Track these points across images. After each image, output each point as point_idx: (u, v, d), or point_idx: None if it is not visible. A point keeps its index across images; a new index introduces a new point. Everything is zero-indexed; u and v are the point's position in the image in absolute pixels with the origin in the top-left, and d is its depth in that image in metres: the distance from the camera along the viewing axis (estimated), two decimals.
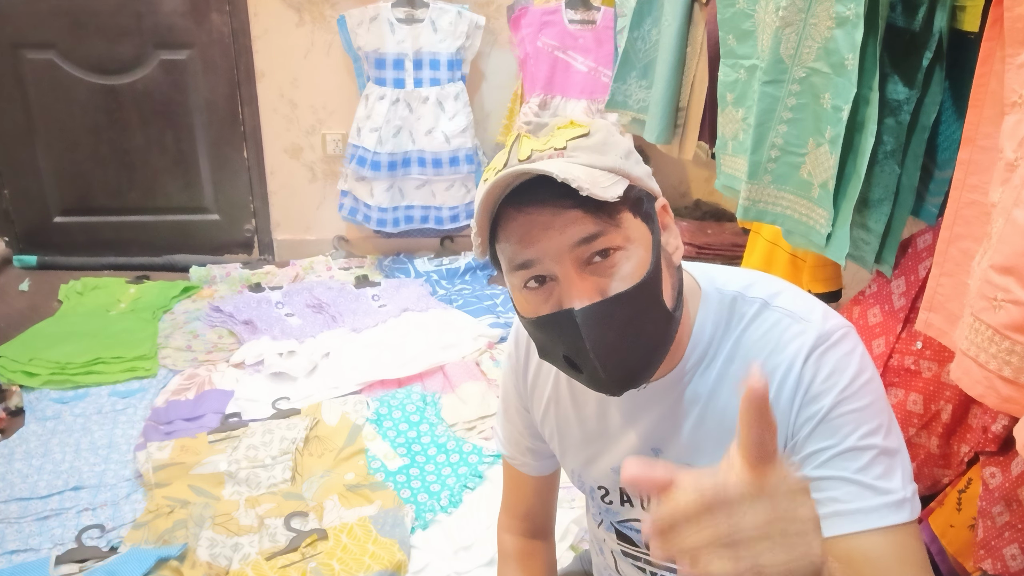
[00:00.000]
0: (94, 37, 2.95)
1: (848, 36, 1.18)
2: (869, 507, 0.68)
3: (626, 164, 0.71)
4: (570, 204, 0.67)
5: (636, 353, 0.71)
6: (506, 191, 0.70)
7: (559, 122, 0.73)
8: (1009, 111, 0.86)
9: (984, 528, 1.16)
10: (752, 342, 0.77)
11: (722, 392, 0.78)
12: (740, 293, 0.79)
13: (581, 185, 0.64)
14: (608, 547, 0.97)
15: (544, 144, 0.70)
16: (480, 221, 0.71)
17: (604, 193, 0.66)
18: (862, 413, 0.70)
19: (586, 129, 0.71)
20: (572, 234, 0.68)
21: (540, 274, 0.70)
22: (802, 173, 1.38)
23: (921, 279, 1.37)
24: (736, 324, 0.78)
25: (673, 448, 0.82)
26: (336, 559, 1.63)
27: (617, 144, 0.72)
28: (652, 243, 0.71)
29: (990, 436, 1.22)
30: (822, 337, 0.73)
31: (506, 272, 0.73)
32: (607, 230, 0.68)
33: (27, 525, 1.76)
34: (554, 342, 0.72)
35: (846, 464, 0.69)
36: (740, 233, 2.65)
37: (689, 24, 1.86)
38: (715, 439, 0.79)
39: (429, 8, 2.88)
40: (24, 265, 3.16)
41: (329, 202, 3.26)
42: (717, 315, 0.78)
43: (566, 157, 0.69)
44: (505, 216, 0.70)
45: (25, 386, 2.28)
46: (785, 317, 0.76)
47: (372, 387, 2.32)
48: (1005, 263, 0.82)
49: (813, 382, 0.71)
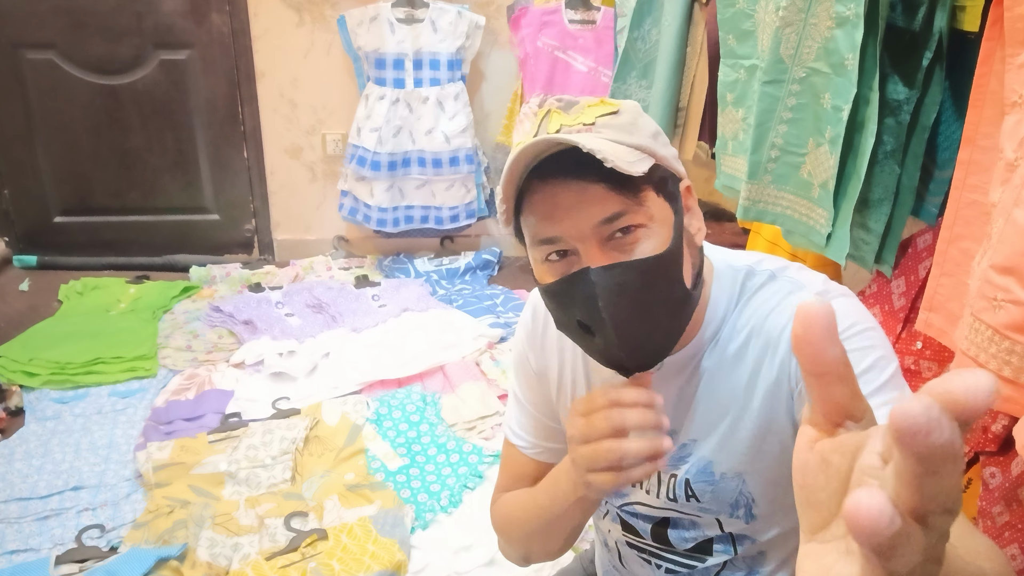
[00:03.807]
0: (94, 37, 2.95)
1: (848, 36, 1.18)
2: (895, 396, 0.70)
3: (654, 144, 0.72)
4: (595, 179, 0.68)
5: (649, 328, 0.71)
6: (533, 162, 0.70)
7: (590, 100, 0.73)
8: (1009, 111, 0.86)
9: (984, 528, 1.15)
10: (754, 308, 0.79)
11: (726, 363, 0.79)
12: (751, 267, 0.81)
13: (606, 156, 0.65)
14: (613, 538, 0.96)
15: (574, 120, 0.71)
16: (506, 189, 0.71)
17: (629, 168, 0.66)
18: (869, 348, 0.72)
19: (616, 107, 0.72)
20: (596, 213, 0.68)
21: (563, 249, 0.71)
22: (802, 173, 1.37)
23: (921, 279, 1.37)
24: (744, 297, 0.80)
25: (686, 426, 0.82)
26: (336, 559, 1.63)
27: (646, 125, 0.73)
28: (674, 223, 0.72)
29: (990, 436, 1.22)
30: (820, 294, 0.75)
31: (529, 245, 0.74)
32: (630, 208, 0.69)
33: (27, 525, 1.76)
34: (570, 307, 0.72)
35: (870, 379, 0.70)
36: (740, 233, 2.65)
37: (689, 24, 1.86)
38: (719, 412, 0.80)
39: (429, 8, 2.88)
40: (24, 265, 3.16)
41: (329, 202, 3.26)
42: (731, 290, 0.80)
43: (594, 132, 0.69)
44: (531, 188, 0.71)
45: (25, 386, 2.28)
46: (789, 284, 0.79)
47: (372, 387, 2.32)
48: (1005, 263, 0.82)
49: None
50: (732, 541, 0.86)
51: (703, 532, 0.87)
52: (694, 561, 0.88)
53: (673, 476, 0.85)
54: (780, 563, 0.87)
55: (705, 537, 0.87)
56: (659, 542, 0.90)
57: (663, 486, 0.86)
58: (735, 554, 0.86)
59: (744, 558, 0.87)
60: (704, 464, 0.81)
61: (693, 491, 0.84)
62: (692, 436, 0.82)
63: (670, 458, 0.84)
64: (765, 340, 0.77)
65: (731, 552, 0.86)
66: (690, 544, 0.88)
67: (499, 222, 0.75)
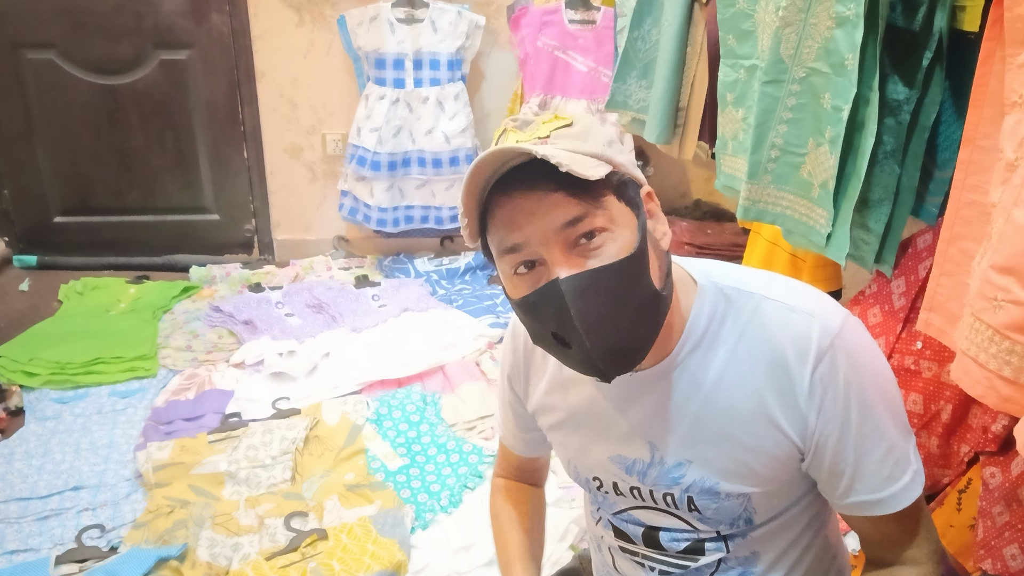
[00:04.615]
0: (94, 37, 2.95)
1: (848, 36, 1.18)
2: (886, 496, 0.78)
3: (608, 151, 0.73)
4: (554, 186, 0.69)
5: (623, 330, 0.71)
6: (494, 177, 0.71)
7: (544, 116, 0.75)
8: (1009, 111, 0.86)
9: (984, 528, 1.16)
10: (756, 336, 0.78)
11: (724, 384, 0.79)
12: (736, 287, 0.80)
13: (561, 162, 0.66)
14: (606, 543, 0.97)
15: (529, 136, 0.72)
16: (467, 204, 0.72)
17: (585, 172, 0.67)
18: (878, 424, 0.76)
19: (569, 120, 0.73)
20: (557, 217, 0.69)
21: (529, 259, 0.72)
22: (802, 173, 1.37)
23: (921, 279, 1.37)
24: (734, 316, 0.79)
25: (670, 442, 0.82)
26: (336, 559, 1.63)
27: (599, 133, 0.74)
28: (638, 226, 0.72)
29: (990, 436, 1.22)
30: (825, 333, 0.75)
31: (497, 259, 0.75)
32: (591, 212, 0.70)
33: (27, 525, 1.76)
34: (543, 319, 0.73)
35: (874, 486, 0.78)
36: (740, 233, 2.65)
37: (689, 24, 1.86)
38: (715, 431, 0.80)
39: (429, 8, 2.88)
40: (24, 265, 3.16)
41: (329, 202, 3.26)
42: (713, 306, 0.80)
43: (550, 144, 0.71)
44: (493, 203, 0.72)
45: (25, 386, 2.28)
46: (787, 311, 0.78)
47: (372, 387, 2.32)
48: (1005, 263, 0.82)
49: (826, 395, 0.76)
50: (724, 540, 0.86)
51: (696, 535, 0.87)
52: (687, 562, 0.89)
53: (669, 495, 0.85)
54: (772, 562, 0.87)
55: (698, 539, 0.87)
56: (651, 546, 0.90)
57: (659, 501, 0.86)
58: (727, 552, 0.87)
59: (737, 557, 0.87)
60: (711, 484, 0.81)
61: (696, 506, 0.84)
62: (683, 454, 0.82)
63: (663, 478, 0.84)
64: (771, 372, 0.77)
65: (723, 550, 0.87)
66: (682, 546, 0.88)
67: (466, 241, 0.76)
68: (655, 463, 0.84)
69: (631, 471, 0.86)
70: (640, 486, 0.86)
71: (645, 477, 0.85)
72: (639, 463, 0.85)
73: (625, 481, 0.87)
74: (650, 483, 0.85)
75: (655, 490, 0.85)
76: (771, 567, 0.87)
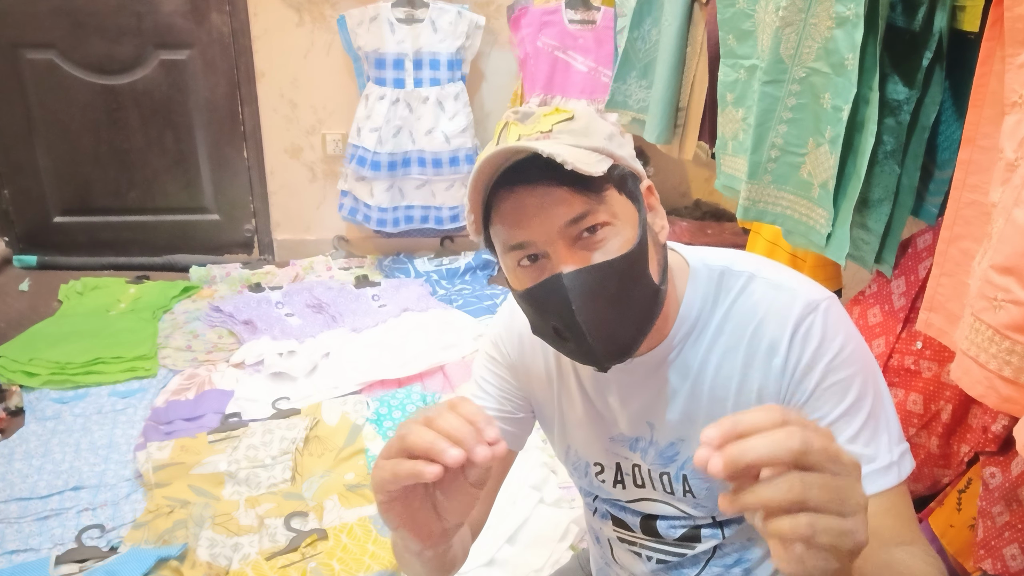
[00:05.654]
0: (94, 37, 2.95)
1: (848, 36, 1.18)
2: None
3: (609, 145, 0.74)
4: (557, 183, 0.70)
5: (623, 323, 0.73)
6: (497, 173, 0.72)
7: (545, 109, 0.76)
8: (1009, 111, 0.86)
9: (984, 528, 1.16)
10: (741, 314, 0.80)
11: (711, 363, 0.81)
12: (727, 267, 0.82)
13: (565, 159, 0.67)
14: (605, 535, 0.99)
15: (531, 129, 0.73)
16: (473, 200, 0.74)
17: (589, 168, 0.69)
18: (848, 383, 0.75)
19: (570, 114, 0.74)
20: (561, 214, 0.71)
21: (533, 253, 0.73)
22: (802, 173, 1.37)
23: (921, 279, 1.37)
24: (724, 297, 0.81)
25: (667, 422, 0.84)
26: (336, 559, 1.63)
27: (600, 128, 0.75)
28: (638, 220, 0.74)
29: (990, 436, 1.22)
30: (808, 307, 0.77)
31: (500, 253, 0.76)
32: (594, 208, 0.71)
33: (27, 525, 1.76)
34: (545, 312, 0.74)
35: (839, 430, 0.74)
36: (740, 233, 2.65)
37: (689, 24, 1.86)
38: (707, 410, 0.82)
39: (429, 8, 2.88)
40: (24, 265, 3.16)
41: (329, 202, 3.26)
42: (706, 289, 0.82)
43: (552, 139, 0.72)
44: (497, 198, 0.73)
45: (25, 386, 2.28)
46: (772, 288, 0.80)
47: (372, 387, 2.32)
48: (1005, 263, 0.82)
49: (802, 357, 0.76)
50: (720, 526, 0.88)
51: (692, 520, 0.89)
52: (684, 549, 0.90)
53: (665, 474, 0.87)
54: (768, 551, 0.87)
55: (694, 525, 0.89)
56: (648, 534, 0.92)
57: (655, 482, 0.88)
58: (723, 538, 0.88)
59: (732, 543, 0.89)
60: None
61: (690, 487, 0.85)
62: (679, 433, 0.84)
63: (658, 457, 0.86)
64: (754, 345, 0.79)
65: (719, 537, 0.88)
66: (678, 533, 0.90)
67: (470, 234, 0.77)
68: (654, 442, 0.86)
69: (634, 448, 0.88)
70: (642, 464, 0.88)
71: (646, 455, 0.87)
72: (642, 440, 0.87)
73: (628, 459, 0.89)
74: (649, 461, 0.87)
75: (652, 469, 0.87)
76: (767, 554, 0.88)
